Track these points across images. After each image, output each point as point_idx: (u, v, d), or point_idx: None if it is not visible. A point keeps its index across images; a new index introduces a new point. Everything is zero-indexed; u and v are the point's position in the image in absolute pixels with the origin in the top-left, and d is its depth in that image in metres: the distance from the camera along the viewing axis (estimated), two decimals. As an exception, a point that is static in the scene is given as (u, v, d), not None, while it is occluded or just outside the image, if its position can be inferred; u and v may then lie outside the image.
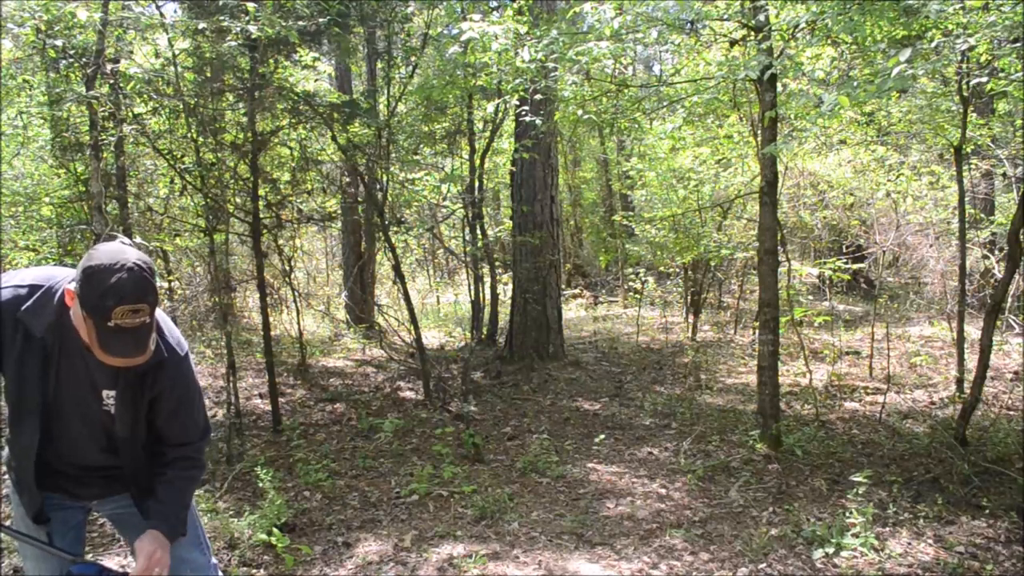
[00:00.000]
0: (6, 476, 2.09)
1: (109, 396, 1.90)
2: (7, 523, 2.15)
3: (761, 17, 4.86)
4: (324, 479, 4.70)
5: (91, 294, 1.65)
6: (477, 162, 8.63)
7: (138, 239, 5.02)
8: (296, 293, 7.78)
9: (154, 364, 1.86)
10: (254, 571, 3.51)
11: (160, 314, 1.90)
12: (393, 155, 7.40)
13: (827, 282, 10.93)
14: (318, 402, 6.72)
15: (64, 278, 1.85)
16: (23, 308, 1.79)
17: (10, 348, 1.82)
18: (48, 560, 1.99)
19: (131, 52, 6.05)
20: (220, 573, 2.25)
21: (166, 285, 7.41)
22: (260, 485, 4.15)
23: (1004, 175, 9.21)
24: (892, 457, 4.95)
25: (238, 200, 6.30)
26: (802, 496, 4.35)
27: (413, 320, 6.83)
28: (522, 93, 5.72)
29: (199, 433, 2.05)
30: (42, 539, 1.98)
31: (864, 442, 5.31)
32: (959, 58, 5.05)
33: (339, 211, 8.88)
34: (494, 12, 7.97)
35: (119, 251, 1.71)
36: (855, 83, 3.95)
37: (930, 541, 3.67)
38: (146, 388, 1.91)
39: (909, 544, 3.65)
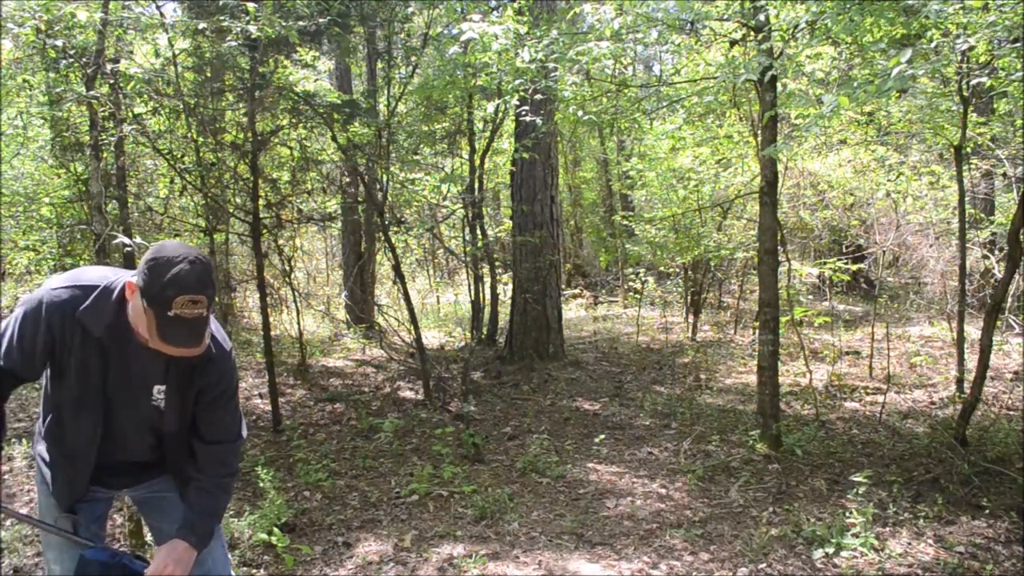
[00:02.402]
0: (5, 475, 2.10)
1: (159, 391, 1.96)
2: (16, 526, 2.17)
3: (761, 17, 4.86)
4: (324, 479, 4.70)
5: (154, 284, 1.73)
6: (477, 162, 8.63)
7: (138, 239, 5.01)
8: (296, 293, 7.78)
9: (205, 359, 1.94)
10: (254, 571, 3.52)
11: None
12: (393, 155, 7.39)
13: (827, 282, 10.93)
14: (318, 402, 6.72)
15: (118, 277, 1.91)
16: (81, 308, 1.85)
17: (69, 346, 1.87)
18: (70, 549, 2.02)
19: (131, 52, 6.06)
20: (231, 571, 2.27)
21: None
22: (260, 485, 4.15)
23: (1004, 175, 9.21)
24: (892, 457, 4.95)
25: (238, 200, 6.30)
26: (802, 496, 4.36)
27: (413, 320, 6.83)
28: (522, 93, 5.72)
29: (233, 433, 2.09)
30: (67, 529, 2.01)
31: (864, 442, 5.31)
32: (959, 58, 5.05)
33: (339, 211, 8.88)
34: (494, 12, 7.97)
35: (182, 246, 1.80)
36: (855, 83, 3.95)
37: (930, 541, 3.67)
38: (195, 381, 1.98)
39: (909, 544, 3.66)
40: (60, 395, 1.96)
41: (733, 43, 5.74)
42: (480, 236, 8.43)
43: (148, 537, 3.37)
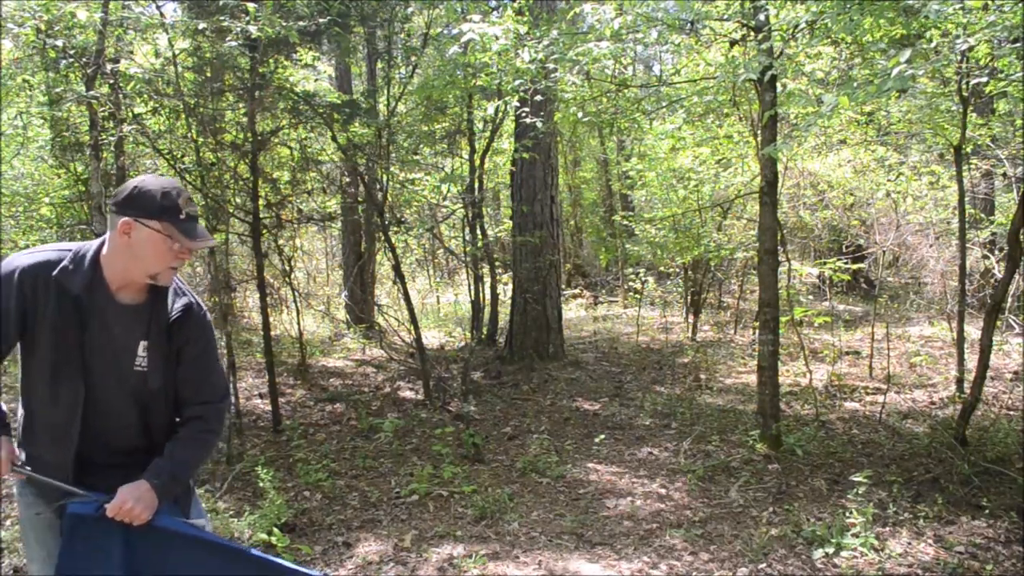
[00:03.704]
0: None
1: (143, 349, 1.95)
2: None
3: (761, 17, 4.86)
4: (324, 479, 4.70)
5: (155, 200, 1.85)
6: (477, 162, 8.63)
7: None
8: (296, 293, 7.78)
9: (183, 311, 1.99)
10: (254, 571, 3.51)
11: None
12: (393, 155, 7.40)
13: (827, 282, 10.93)
14: (318, 402, 6.72)
15: (83, 245, 1.93)
16: (59, 268, 1.85)
17: (43, 311, 1.85)
18: (55, 561, 1.98)
19: (131, 52, 6.06)
20: None
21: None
22: (260, 485, 4.16)
23: (1004, 175, 9.20)
24: (892, 457, 4.95)
25: (238, 200, 6.29)
26: (802, 496, 4.36)
27: (413, 320, 6.83)
28: (522, 94, 5.72)
29: (219, 394, 2.07)
30: (54, 539, 1.94)
31: (864, 442, 5.31)
32: (959, 58, 5.05)
33: (339, 211, 8.88)
34: (494, 12, 7.97)
35: (132, 179, 1.92)
36: (855, 83, 3.96)
37: (930, 541, 3.67)
38: (173, 336, 1.98)
39: (909, 544, 3.66)
40: (34, 373, 1.90)
41: (733, 43, 5.74)
42: (480, 236, 8.43)
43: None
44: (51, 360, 1.87)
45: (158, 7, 5.51)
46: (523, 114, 6.16)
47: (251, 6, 4.93)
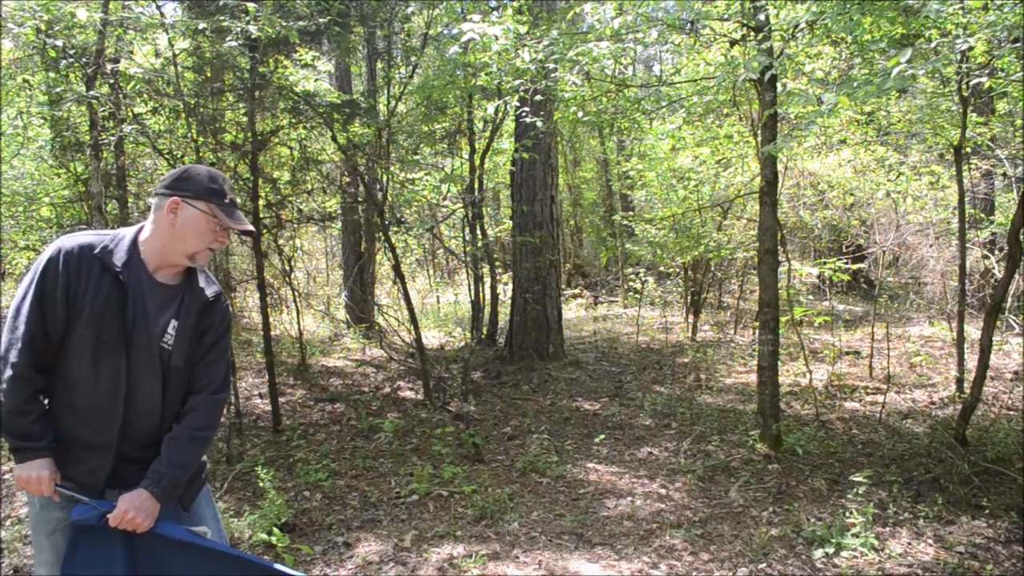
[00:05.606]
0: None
1: (172, 327, 2.03)
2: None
3: (761, 17, 4.86)
4: (324, 479, 4.70)
5: (203, 184, 2.00)
6: (477, 162, 8.63)
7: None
8: (296, 293, 7.78)
9: (215, 297, 2.13)
10: (254, 571, 3.51)
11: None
12: (393, 155, 7.40)
13: (827, 282, 10.92)
14: (318, 402, 6.72)
15: (120, 231, 2.05)
16: (100, 247, 1.96)
17: (85, 287, 1.92)
18: (61, 566, 1.98)
19: (131, 52, 6.06)
20: None
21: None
22: (260, 485, 4.16)
23: (1004, 175, 9.20)
24: (892, 457, 4.95)
25: (238, 200, 6.29)
26: (802, 496, 4.36)
27: (413, 320, 6.83)
28: (522, 94, 5.72)
29: (218, 385, 2.12)
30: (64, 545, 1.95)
31: (864, 442, 5.31)
32: (959, 58, 5.05)
33: (339, 211, 8.88)
34: (494, 12, 7.96)
35: (181, 167, 2.07)
36: (855, 83, 3.95)
37: (930, 541, 3.67)
38: (203, 318, 2.09)
39: (909, 544, 3.66)
40: (73, 352, 1.93)
41: (733, 43, 5.74)
42: (480, 236, 8.43)
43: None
44: (92, 337, 1.93)
45: (158, 7, 5.51)
46: (523, 114, 6.16)
47: (251, 6, 4.93)
